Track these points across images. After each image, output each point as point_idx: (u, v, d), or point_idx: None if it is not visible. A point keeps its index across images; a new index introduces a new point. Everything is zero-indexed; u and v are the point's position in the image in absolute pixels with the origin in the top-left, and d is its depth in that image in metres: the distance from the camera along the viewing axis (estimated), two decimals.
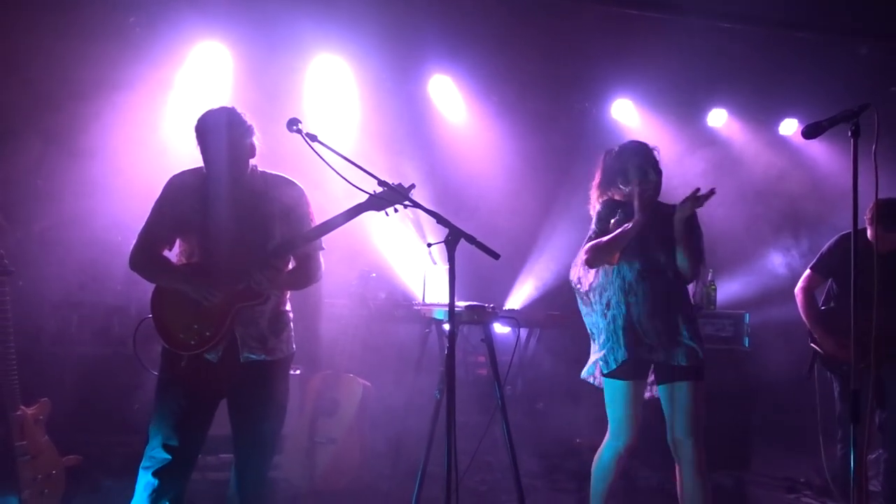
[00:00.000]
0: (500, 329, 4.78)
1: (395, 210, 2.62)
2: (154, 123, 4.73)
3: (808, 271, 4.01)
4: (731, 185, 5.77)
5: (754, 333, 4.81)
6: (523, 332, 4.95)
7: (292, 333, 2.80)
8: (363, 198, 2.59)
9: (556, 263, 5.45)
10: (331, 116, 5.17)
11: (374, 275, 4.14)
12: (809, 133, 2.53)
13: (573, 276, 3.20)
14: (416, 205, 2.57)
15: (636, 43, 5.16)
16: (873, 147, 2.29)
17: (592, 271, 3.06)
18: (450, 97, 5.61)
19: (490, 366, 3.26)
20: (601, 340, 3.00)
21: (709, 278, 4.88)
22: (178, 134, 4.78)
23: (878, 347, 2.80)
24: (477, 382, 5.21)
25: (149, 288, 2.63)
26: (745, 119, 6.06)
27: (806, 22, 5.07)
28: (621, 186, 3.06)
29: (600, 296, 3.03)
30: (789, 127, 6.15)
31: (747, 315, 4.88)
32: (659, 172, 3.06)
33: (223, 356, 2.58)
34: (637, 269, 2.96)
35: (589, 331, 3.14)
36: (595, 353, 3.05)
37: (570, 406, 5.01)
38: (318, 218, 2.75)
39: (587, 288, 3.10)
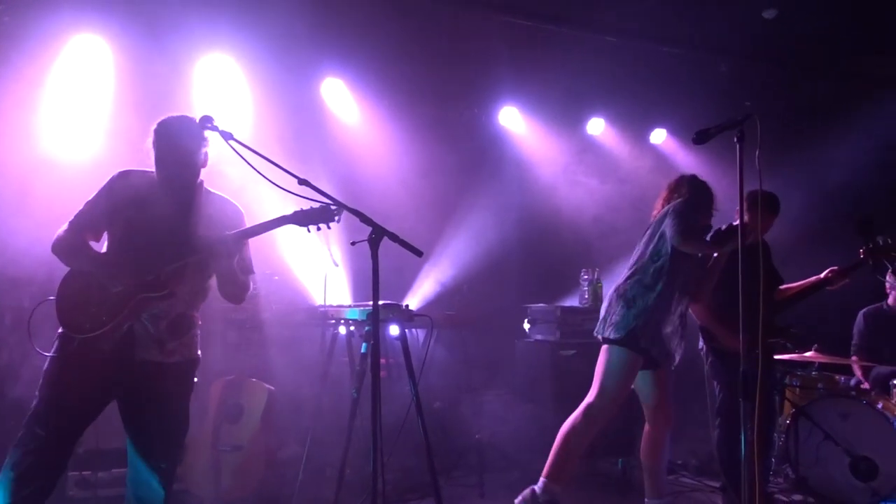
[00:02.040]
0: (394, 330, 4.83)
1: (318, 228, 2.67)
2: (26, 120, 4.39)
3: None
4: (612, 190, 6.17)
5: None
6: (420, 333, 5.02)
7: (197, 338, 2.76)
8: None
9: (452, 264, 5.58)
10: (222, 116, 4.99)
11: (276, 277, 4.06)
12: (700, 139, 2.79)
13: (667, 230, 3.48)
14: (340, 205, 2.58)
15: (524, 52, 5.42)
16: (756, 152, 2.57)
17: (666, 253, 3.48)
18: (343, 100, 5.61)
19: (406, 365, 3.29)
20: (639, 313, 3.44)
21: (595, 277, 5.19)
22: (52, 130, 4.50)
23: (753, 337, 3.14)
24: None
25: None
26: (621, 128, 6.48)
27: (676, 39, 5.54)
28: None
29: (655, 278, 3.48)
30: (659, 136, 6.64)
31: None
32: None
33: (117, 350, 2.54)
34: (679, 285, 3.52)
35: (628, 295, 3.50)
36: (628, 320, 3.44)
37: (468, 404, 5.15)
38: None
39: (653, 258, 3.52)
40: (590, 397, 3.55)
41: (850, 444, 4.24)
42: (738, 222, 3.97)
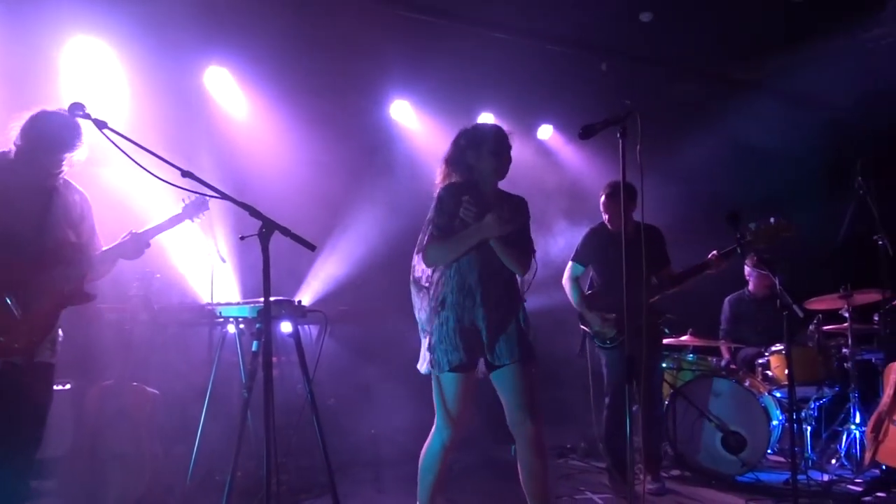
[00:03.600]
0: (286, 327, 4.72)
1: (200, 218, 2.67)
2: None
3: (570, 263, 4.58)
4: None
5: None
6: (314, 329, 4.94)
7: (58, 340, 2.73)
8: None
9: (345, 259, 5.52)
10: (94, 104, 4.68)
11: (158, 275, 3.86)
12: (585, 134, 2.90)
13: (416, 268, 3.15)
14: (228, 198, 2.48)
15: (414, 46, 5.43)
16: (637, 148, 2.71)
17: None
18: (228, 90, 5.40)
19: (299, 363, 3.22)
20: (433, 340, 2.97)
21: None
22: None
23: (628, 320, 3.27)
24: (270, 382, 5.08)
25: None
26: (510, 123, 6.60)
27: (560, 37, 5.72)
28: (470, 163, 3.06)
29: (435, 293, 3.02)
30: (546, 132, 6.83)
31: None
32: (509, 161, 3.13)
33: None
34: (477, 269, 2.97)
35: (420, 326, 3.12)
36: (427, 352, 3.01)
37: (363, 399, 5.12)
38: None
39: (426, 283, 3.08)
40: None
41: (722, 420, 4.57)
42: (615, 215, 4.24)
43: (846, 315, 4.73)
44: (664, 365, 5.10)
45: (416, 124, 6.25)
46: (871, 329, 4.81)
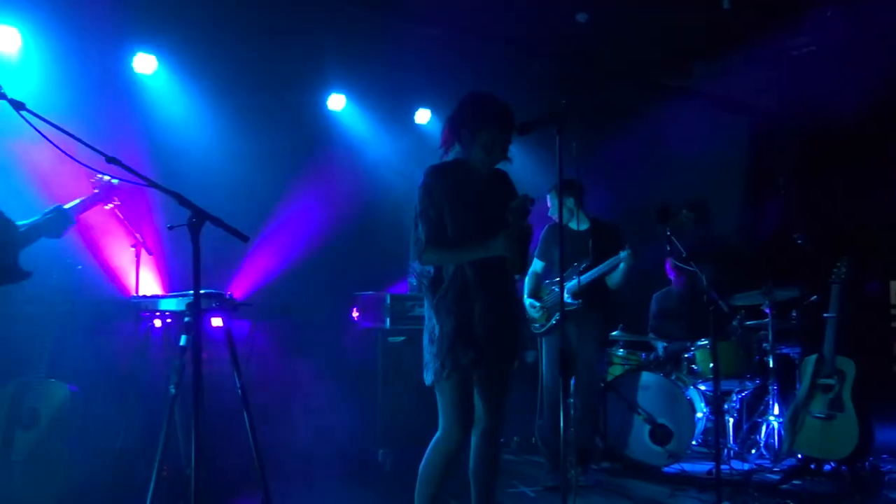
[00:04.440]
0: (216, 322, 4.60)
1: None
2: None
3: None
4: None
5: None
6: (246, 324, 4.82)
7: None
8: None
9: (279, 252, 5.40)
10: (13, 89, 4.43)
11: (79, 267, 3.69)
12: (522, 131, 2.93)
13: (417, 269, 2.97)
14: (155, 186, 2.39)
15: (352, 38, 5.36)
16: (573, 144, 2.75)
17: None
18: (158, 77, 5.20)
19: (230, 358, 3.13)
20: (442, 346, 2.78)
21: None
22: None
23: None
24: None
25: None
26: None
27: (496, 35, 5.76)
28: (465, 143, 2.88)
29: (439, 292, 2.83)
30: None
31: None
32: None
33: None
34: (479, 265, 2.82)
35: (425, 327, 2.89)
36: (435, 357, 2.80)
37: (296, 396, 5.03)
38: None
39: (429, 283, 2.87)
40: None
41: (650, 413, 4.69)
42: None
43: (767, 311, 4.93)
44: None
45: (353, 118, 6.18)
46: (790, 324, 5.02)
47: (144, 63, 5.09)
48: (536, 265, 4.66)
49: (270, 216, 5.49)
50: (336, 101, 6.04)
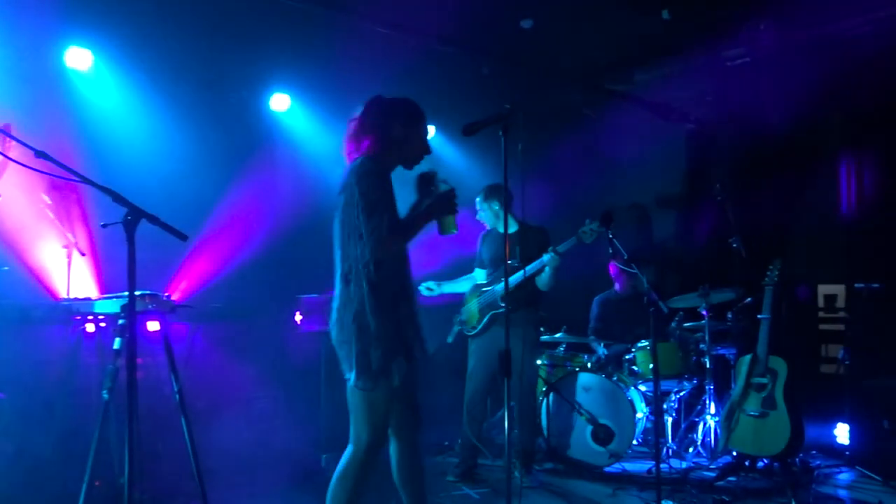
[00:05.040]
0: (153, 325, 4.46)
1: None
2: None
3: None
4: None
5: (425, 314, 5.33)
6: (184, 328, 4.68)
7: None
8: None
9: (220, 254, 5.28)
10: None
11: (6, 268, 3.52)
12: (467, 131, 2.94)
13: (344, 262, 2.74)
14: (88, 182, 2.30)
15: (296, 37, 5.28)
16: (519, 146, 2.77)
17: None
18: (93, 71, 5.02)
19: (167, 362, 3.04)
20: (384, 348, 2.63)
21: None
22: None
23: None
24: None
25: None
26: None
27: (443, 37, 5.76)
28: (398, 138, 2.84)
29: (379, 291, 2.66)
30: (429, 132, 6.86)
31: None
32: None
33: None
34: (407, 262, 2.80)
35: (361, 331, 2.65)
36: (371, 360, 2.62)
37: (237, 401, 4.91)
38: None
39: (369, 280, 2.65)
40: None
41: (592, 414, 4.76)
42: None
43: (704, 313, 5.06)
44: (539, 362, 5.26)
45: (297, 118, 6.09)
46: (725, 326, 5.17)
47: (78, 57, 4.92)
48: (479, 276, 4.78)
49: (211, 217, 5.37)
50: (280, 101, 5.95)
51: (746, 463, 4.44)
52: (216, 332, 5.02)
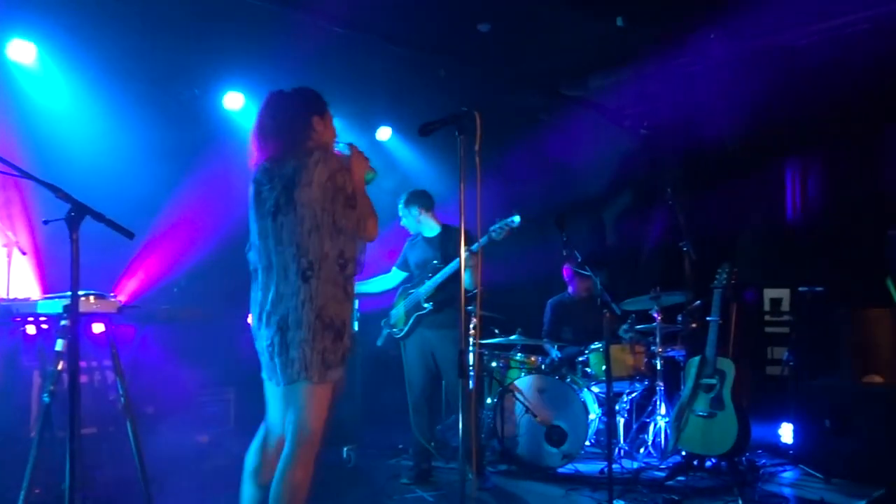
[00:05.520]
0: (98, 326, 4.32)
1: None
2: None
3: None
4: None
5: (363, 319, 5.28)
6: (131, 329, 4.55)
7: None
8: None
9: (169, 254, 5.15)
10: None
11: None
12: (424, 131, 2.93)
13: (310, 252, 2.67)
14: (27, 176, 2.22)
15: (251, 35, 5.20)
16: (476, 147, 2.77)
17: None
18: (37, 64, 4.85)
19: (113, 366, 2.94)
20: (342, 338, 2.66)
21: None
22: None
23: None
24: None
25: None
26: (349, 122, 6.54)
27: (401, 38, 5.75)
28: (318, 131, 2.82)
29: (342, 281, 2.69)
30: (385, 133, 6.83)
31: (356, 300, 5.33)
32: None
33: None
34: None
35: (326, 327, 2.62)
36: (325, 352, 2.61)
37: (187, 405, 4.80)
38: None
39: (343, 269, 2.70)
40: None
41: (546, 415, 4.80)
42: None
43: (655, 315, 5.15)
44: (494, 364, 5.28)
45: (250, 118, 5.96)
46: (676, 328, 5.27)
47: (21, 50, 4.75)
48: (397, 276, 4.83)
49: (161, 216, 5.24)
50: (233, 100, 5.84)
51: (695, 462, 4.52)
52: (165, 334, 4.90)
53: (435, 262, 4.56)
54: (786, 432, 5.15)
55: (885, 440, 4.44)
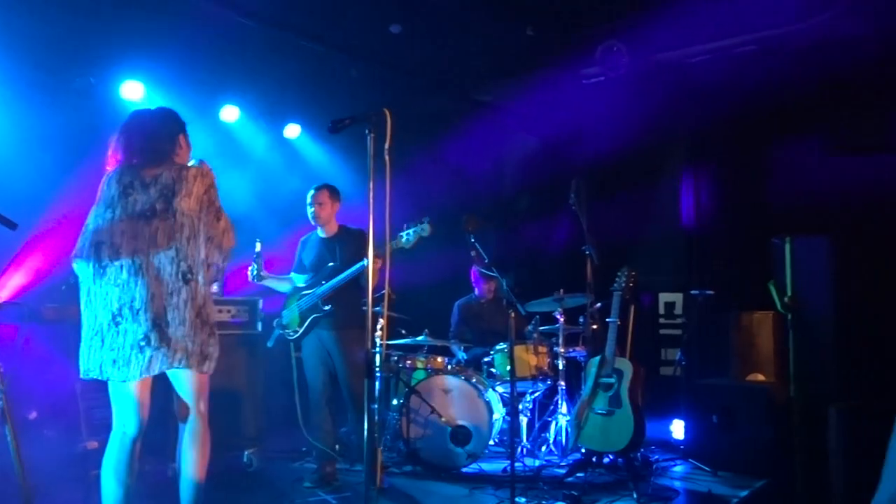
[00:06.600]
0: None
1: None
2: None
3: None
4: (241, 179, 6.05)
5: (268, 319, 5.15)
6: (12, 328, 4.26)
7: None
8: None
9: (60, 249, 4.85)
10: None
11: None
12: (334, 128, 2.92)
13: (192, 257, 2.99)
14: None
15: (152, 23, 4.98)
16: (386, 146, 2.77)
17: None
18: None
19: None
20: (216, 335, 3.09)
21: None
22: None
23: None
24: None
25: None
26: (257, 118, 6.38)
27: (312, 34, 5.65)
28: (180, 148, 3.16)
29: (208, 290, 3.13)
30: (293, 131, 6.69)
31: (261, 301, 5.21)
32: None
33: None
34: None
35: (204, 324, 2.98)
36: (212, 346, 3.03)
37: (76, 408, 4.53)
38: None
39: (219, 272, 3.23)
40: None
41: (451, 415, 4.84)
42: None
43: (558, 316, 5.30)
44: (401, 365, 5.28)
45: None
46: (578, 329, 5.44)
47: None
48: (297, 279, 4.77)
49: (50, 210, 4.93)
50: (133, 90, 5.57)
51: (594, 459, 4.68)
52: (51, 334, 4.61)
53: (331, 263, 4.52)
54: (677, 429, 5.42)
55: (766, 435, 4.74)
